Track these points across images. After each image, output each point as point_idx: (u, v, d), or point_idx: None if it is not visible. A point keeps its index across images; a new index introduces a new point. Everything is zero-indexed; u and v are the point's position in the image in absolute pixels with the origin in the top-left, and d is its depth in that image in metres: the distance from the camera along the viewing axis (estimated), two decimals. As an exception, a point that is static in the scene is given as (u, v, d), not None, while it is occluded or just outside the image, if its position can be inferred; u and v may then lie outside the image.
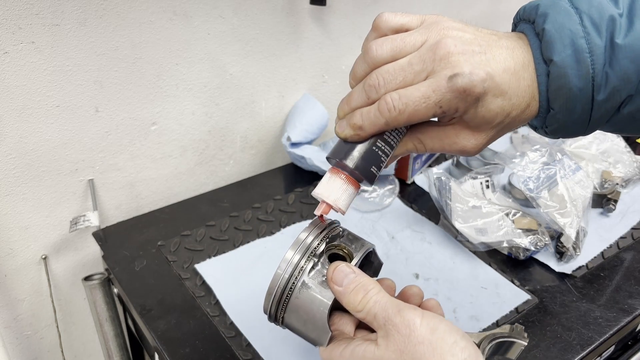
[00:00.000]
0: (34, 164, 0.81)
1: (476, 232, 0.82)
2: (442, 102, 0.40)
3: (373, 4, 1.05)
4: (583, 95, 0.40)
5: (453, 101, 0.40)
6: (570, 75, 0.39)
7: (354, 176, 0.45)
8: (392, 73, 0.41)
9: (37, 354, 0.97)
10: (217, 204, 0.93)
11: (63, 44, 0.75)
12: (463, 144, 0.44)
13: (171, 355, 0.66)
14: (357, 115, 0.43)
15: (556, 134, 0.44)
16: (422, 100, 0.40)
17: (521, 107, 0.42)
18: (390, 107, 0.41)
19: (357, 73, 0.45)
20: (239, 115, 1.00)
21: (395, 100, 0.40)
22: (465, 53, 0.40)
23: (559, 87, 0.40)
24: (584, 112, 0.41)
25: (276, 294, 0.48)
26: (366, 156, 0.44)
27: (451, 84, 0.39)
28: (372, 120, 0.42)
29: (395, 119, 0.41)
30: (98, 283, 0.83)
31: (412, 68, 0.41)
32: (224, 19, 0.88)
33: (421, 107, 0.40)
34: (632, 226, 0.89)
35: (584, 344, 0.68)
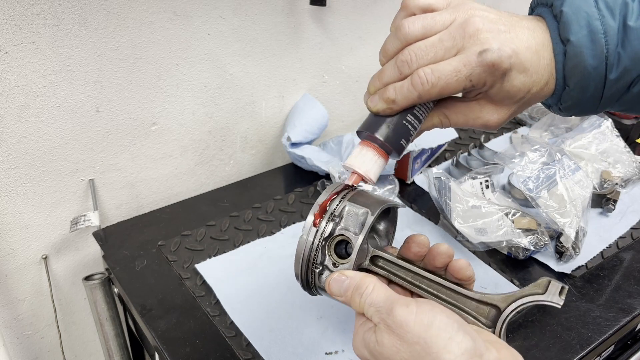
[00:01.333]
0: (34, 164, 0.81)
1: (476, 232, 0.82)
2: (472, 75, 0.43)
3: (373, 4, 1.05)
4: (597, 74, 0.43)
5: (482, 75, 0.43)
6: (586, 54, 0.42)
7: (384, 148, 0.47)
8: (424, 49, 0.44)
9: (38, 353, 0.97)
10: (218, 204, 0.93)
11: (63, 44, 0.75)
12: (487, 118, 0.47)
13: (171, 354, 0.66)
14: (390, 89, 0.45)
15: (570, 111, 0.47)
16: (454, 74, 0.42)
17: (540, 84, 0.44)
18: (424, 81, 0.43)
19: (388, 50, 0.47)
20: (239, 115, 1.00)
21: (428, 74, 0.43)
22: (492, 31, 0.42)
23: (575, 65, 0.43)
24: (597, 90, 0.44)
25: (304, 256, 0.48)
26: (397, 129, 0.47)
27: (481, 59, 0.42)
28: (405, 94, 0.44)
29: (427, 92, 0.44)
30: (98, 283, 0.83)
31: (442, 44, 0.43)
32: (224, 19, 0.88)
33: (452, 80, 0.43)
34: (632, 226, 0.89)
35: (584, 344, 0.68)
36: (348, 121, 1.17)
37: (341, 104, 1.14)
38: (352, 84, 1.13)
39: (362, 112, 1.19)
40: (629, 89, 0.44)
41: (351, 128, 1.17)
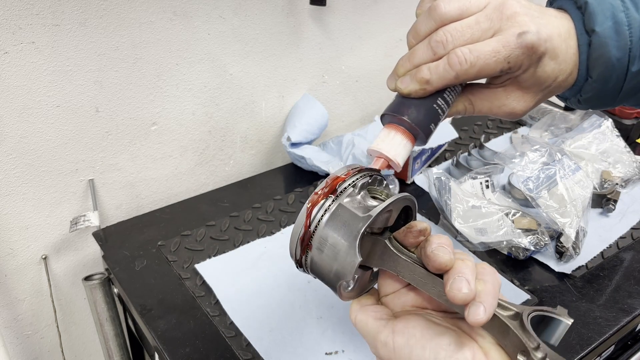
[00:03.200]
0: (34, 164, 0.81)
1: (476, 232, 0.82)
2: (510, 57, 0.42)
3: (373, 4, 1.05)
4: (620, 65, 0.43)
5: (520, 57, 0.42)
6: (610, 45, 0.43)
7: (413, 132, 0.46)
8: (460, 30, 0.43)
9: (38, 353, 0.97)
10: (217, 204, 0.93)
11: (63, 44, 0.75)
12: (513, 105, 0.47)
13: (171, 355, 0.66)
14: (424, 69, 0.44)
15: (588, 103, 0.47)
16: (493, 54, 0.42)
17: (566, 72, 0.45)
18: (462, 60, 0.42)
19: (420, 30, 0.45)
20: (239, 115, 1.00)
21: (467, 54, 0.42)
22: (529, 15, 0.43)
23: (599, 56, 0.43)
24: (618, 82, 0.44)
25: (301, 232, 0.46)
26: (427, 112, 0.45)
27: (520, 40, 0.42)
28: (441, 73, 0.43)
29: (466, 72, 0.43)
30: (98, 283, 0.83)
31: (479, 26, 0.43)
32: (224, 19, 0.88)
33: (491, 61, 0.42)
34: (632, 226, 0.89)
35: (584, 344, 0.68)
36: (348, 121, 1.17)
37: (341, 104, 1.14)
38: (352, 84, 1.13)
39: (362, 112, 1.19)
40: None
41: (351, 128, 1.17)
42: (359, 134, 1.02)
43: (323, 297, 0.74)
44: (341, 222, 0.42)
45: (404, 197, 0.44)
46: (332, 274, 0.44)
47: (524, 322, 0.38)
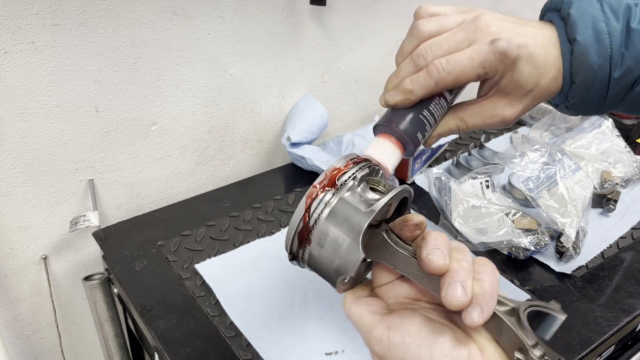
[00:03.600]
0: (34, 164, 0.81)
1: (476, 232, 0.82)
2: (485, 62, 0.46)
3: (373, 4, 1.05)
4: (601, 72, 0.46)
5: (494, 62, 0.46)
6: (591, 53, 0.45)
7: (401, 140, 0.49)
8: (438, 43, 0.47)
9: (37, 353, 0.97)
10: (217, 204, 0.93)
11: (63, 44, 0.75)
12: (502, 113, 0.50)
13: (171, 355, 0.66)
14: (406, 81, 0.48)
15: (576, 109, 0.50)
16: (468, 61, 0.46)
17: (548, 77, 0.47)
18: (440, 69, 0.46)
19: (405, 50, 0.49)
20: (239, 115, 1.00)
21: (444, 63, 0.46)
22: (502, 25, 0.46)
23: (581, 63, 0.46)
24: (602, 88, 0.47)
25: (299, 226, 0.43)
26: (413, 122, 0.49)
27: (493, 47, 0.45)
28: (422, 83, 0.47)
29: (443, 80, 0.46)
30: (98, 283, 0.83)
31: (455, 37, 0.47)
32: (224, 19, 0.88)
33: (467, 67, 0.46)
34: (632, 226, 0.89)
35: (584, 344, 0.68)
36: (348, 121, 1.17)
37: (341, 104, 1.14)
38: (352, 84, 1.13)
39: (362, 112, 1.19)
40: (632, 89, 0.47)
41: (351, 128, 1.17)
42: (359, 134, 1.02)
43: (323, 297, 0.74)
44: (342, 217, 0.42)
45: (404, 189, 0.45)
46: (333, 269, 0.43)
47: (521, 318, 0.38)
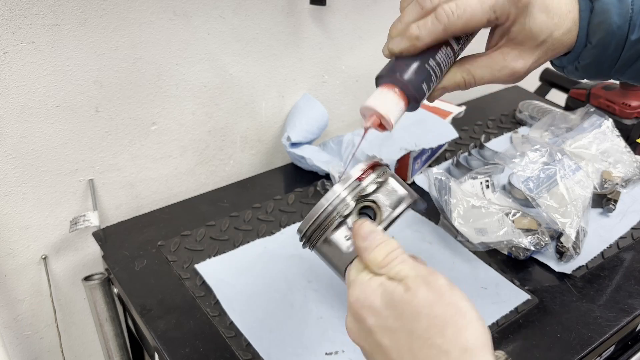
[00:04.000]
0: (34, 164, 0.81)
1: (476, 232, 0.82)
2: (495, 6, 0.43)
3: (373, 4, 1.05)
4: (619, 32, 0.44)
5: (506, 6, 0.43)
6: (612, 12, 0.44)
7: (405, 90, 0.46)
8: None
9: (37, 354, 0.97)
10: (217, 204, 0.93)
11: (63, 44, 0.75)
12: (512, 65, 0.47)
13: (171, 355, 0.66)
14: (413, 26, 0.45)
15: (585, 70, 0.48)
16: (478, 5, 0.43)
17: (562, 29, 0.45)
18: (449, 13, 0.43)
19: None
20: (239, 115, 1.00)
21: (453, 7, 0.43)
22: None
23: (601, 22, 0.44)
24: (617, 50, 0.46)
25: (318, 219, 0.46)
26: (419, 71, 0.46)
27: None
28: (430, 28, 0.44)
29: (453, 24, 0.44)
30: (98, 283, 0.83)
31: None
32: (224, 19, 0.88)
33: (477, 11, 0.43)
34: (632, 226, 0.89)
35: (584, 344, 0.68)
36: (348, 121, 1.17)
37: (341, 104, 1.14)
38: (352, 84, 1.13)
39: (362, 112, 1.18)
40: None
41: (351, 128, 1.17)
42: (359, 134, 1.02)
43: (323, 297, 0.74)
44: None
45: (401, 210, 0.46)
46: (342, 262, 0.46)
47: None
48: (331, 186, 0.85)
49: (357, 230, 0.44)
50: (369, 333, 0.41)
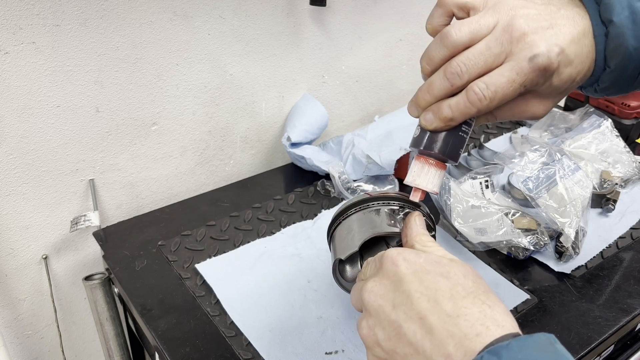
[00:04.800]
0: (34, 164, 0.81)
1: (475, 232, 0.82)
2: (525, 82, 0.43)
3: (373, 4, 1.05)
4: (637, 54, 0.44)
5: (535, 79, 0.43)
6: (627, 35, 0.43)
7: (445, 161, 0.50)
8: (473, 59, 0.44)
9: (38, 353, 0.97)
10: (218, 204, 0.93)
11: (64, 44, 0.75)
12: (533, 111, 0.48)
13: (171, 354, 0.66)
14: (445, 108, 0.46)
15: (605, 91, 0.49)
16: (509, 84, 0.43)
17: (584, 71, 0.46)
18: (481, 97, 0.44)
19: (434, 57, 0.46)
20: (239, 115, 1.00)
21: (484, 89, 0.43)
22: (537, 31, 0.43)
23: (617, 46, 0.44)
24: (635, 70, 0.45)
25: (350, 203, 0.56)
26: (455, 142, 0.48)
27: (533, 65, 0.42)
28: (463, 111, 0.45)
29: (486, 107, 0.44)
30: (98, 283, 0.83)
31: (491, 52, 0.43)
32: (224, 19, 0.88)
33: (508, 91, 0.43)
34: (631, 226, 0.89)
35: (583, 344, 0.68)
36: (348, 121, 1.17)
37: (341, 104, 1.14)
38: (352, 84, 1.13)
39: (362, 112, 1.19)
40: None
41: (351, 128, 1.18)
42: (359, 134, 1.02)
43: (323, 297, 0.74)
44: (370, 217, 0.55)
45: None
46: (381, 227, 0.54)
47: None
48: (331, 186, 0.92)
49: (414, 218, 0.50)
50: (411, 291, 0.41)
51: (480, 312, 0.38)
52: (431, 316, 0.38)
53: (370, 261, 0.47)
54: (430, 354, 0.37)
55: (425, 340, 0.38)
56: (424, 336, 0.38)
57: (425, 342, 0.38)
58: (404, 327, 0.39)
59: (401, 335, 0.39)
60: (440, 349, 0.37)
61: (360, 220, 0.55)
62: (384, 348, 0.40)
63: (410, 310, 0.39)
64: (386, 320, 0.40)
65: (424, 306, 0.39)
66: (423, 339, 0.38)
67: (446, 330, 0.37)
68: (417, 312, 0.39)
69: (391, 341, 0.40)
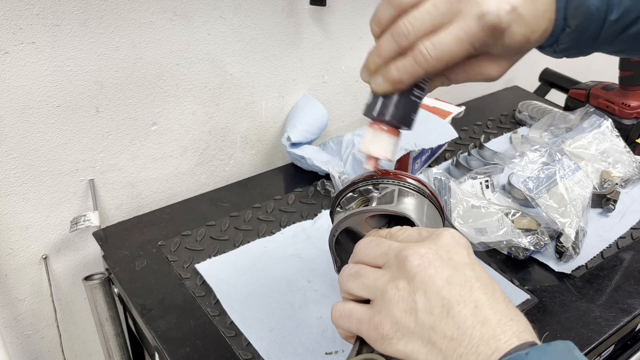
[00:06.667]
0: (34, 164, 0.81)
1: (476, 232, 0.82)
2: (474, 41, 0.42)
3: (373, 4, 1.05)
4: (598, 14, 0.44)
5: (484, 38, 0.42)
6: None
7: (398, 127, 0.49)
8: (420, 18, 0.42)
9: (38, 353, 0.97)
10: (217, 204, 0.93)
11: (64, 44, 0.75)
12: (488, 72, 0.47)
13: (171, 354, 0.66)
14: (392, 70, 0.44)
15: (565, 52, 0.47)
16: (456, 43, 0.42)
17: (539, 31, 0.44)
18: (427, 57, 0.42)
19: (381, 19, 0.45)
20: (239, 115, 1.00)
21: (431, 49, 0.42)
22: None
23: (578, 5, 0.43)
24: (595, 31, 0.45)
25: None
26: (406, 106, 0.48)
27: (482, 23, 0.41)
28: (410, 71, 0.44)
29: (433, 67, 0.43)
30: (98, 283, 0.83)
31: (438, 10, 0.42)
32: (224, 19, 0.88)
33: (455, 50, 0.42)
34: (632, 226, 0.89)
35: (584, 344, 0.68)
36: (348, 121, 1.17)
37: (341, 104, 1.14)
38: (352, 84, 1.13)
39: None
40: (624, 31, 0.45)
41: (351, 128, 1.18)
42: (359, 134, 1.02)
43: (323, 297, 0.74)
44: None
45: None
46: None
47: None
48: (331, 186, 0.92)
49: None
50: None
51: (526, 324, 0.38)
52: (489, 309, 0.37)
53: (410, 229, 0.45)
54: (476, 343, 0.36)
55: (475, 329, 0.36)
56: (475, 324, 0.37)
57: (474, 331, 0.36)
58: (456, 309, 0.37)
59: (450, 315, 0.37)
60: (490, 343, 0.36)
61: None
62: (419, 319, 0.38)
63: (468, 295, 0.38)
64: (435, 292, 0.38)
65: (482, 297, 0.38)
66: (473, 327, 0.36)
67: (500, 327, 0.36)
68: (474, 300, 0.37)
69: (433, 316, 0.38)
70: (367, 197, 0.55)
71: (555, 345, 0.35)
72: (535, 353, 0.34)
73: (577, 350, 0.36)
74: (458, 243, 0.41)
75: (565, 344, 0.36)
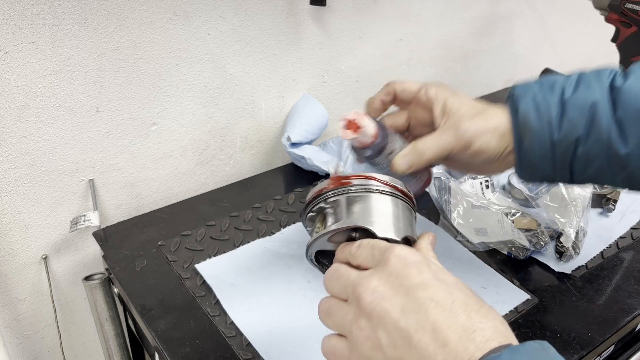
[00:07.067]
0: (34, 164, 0.81)
1: (476, 232, 0.82)
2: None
3: (373, 4, 1.05)
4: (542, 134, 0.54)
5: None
6: (531, 118, 0.54)
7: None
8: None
9: (38, 353, 0.97)
10: (217, 204, 0.93)
11: (63, 44, 0.75)
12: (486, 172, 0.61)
13: (171, 354, 0.66)
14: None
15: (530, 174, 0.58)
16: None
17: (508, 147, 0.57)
18: None
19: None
20: (239, 115, 1.00)
21: None
22: None
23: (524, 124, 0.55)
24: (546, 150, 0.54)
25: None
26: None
27: None
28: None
29: None
30: (98, 283, 0.83)
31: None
32: (224, 19, 0.88)
33: None
34: (632, 226, 0.89)
35: (584, 344, 0.68)
36: (348, 121, 1.17)
37: (341, 104, 1.14)
38: (352, 84, 1.13)
39: (362, 112, 1.19)
40: (575, 153, 0.53)
41: (351, 128, 1.17)
42: (359, 134, 1.02)
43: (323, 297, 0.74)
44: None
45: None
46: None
47: None
48: None
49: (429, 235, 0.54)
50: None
51: (494, 327, 0.37)
52: (447, 329, 0.37)
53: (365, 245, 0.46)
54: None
55: (437, 354, 0.37)
56: (437, 349, 0.37)
57: (437, 356, 0.36)
58: (415, 338, 0.37)
59: (411, 346, 0.37)
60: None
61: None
62: (387, 355, 0.39)
63: (425, 319, 0.38)
64: (393, 326, 0.38)
65: (440, 318, 0.38)
66: (435, 353, 0.37)
67: (462, 345, 0.36)
68: (432, 324, 0.37)
69: (397, 350, 0.38)
70: (323, 214, 0.54)
71: (528, 345, 0.35)
72: (507, 354, 0.34)
73: (553, 349, 0.36)
74: (405, 264, 0.41)
75: (539, 344, 0.36)
